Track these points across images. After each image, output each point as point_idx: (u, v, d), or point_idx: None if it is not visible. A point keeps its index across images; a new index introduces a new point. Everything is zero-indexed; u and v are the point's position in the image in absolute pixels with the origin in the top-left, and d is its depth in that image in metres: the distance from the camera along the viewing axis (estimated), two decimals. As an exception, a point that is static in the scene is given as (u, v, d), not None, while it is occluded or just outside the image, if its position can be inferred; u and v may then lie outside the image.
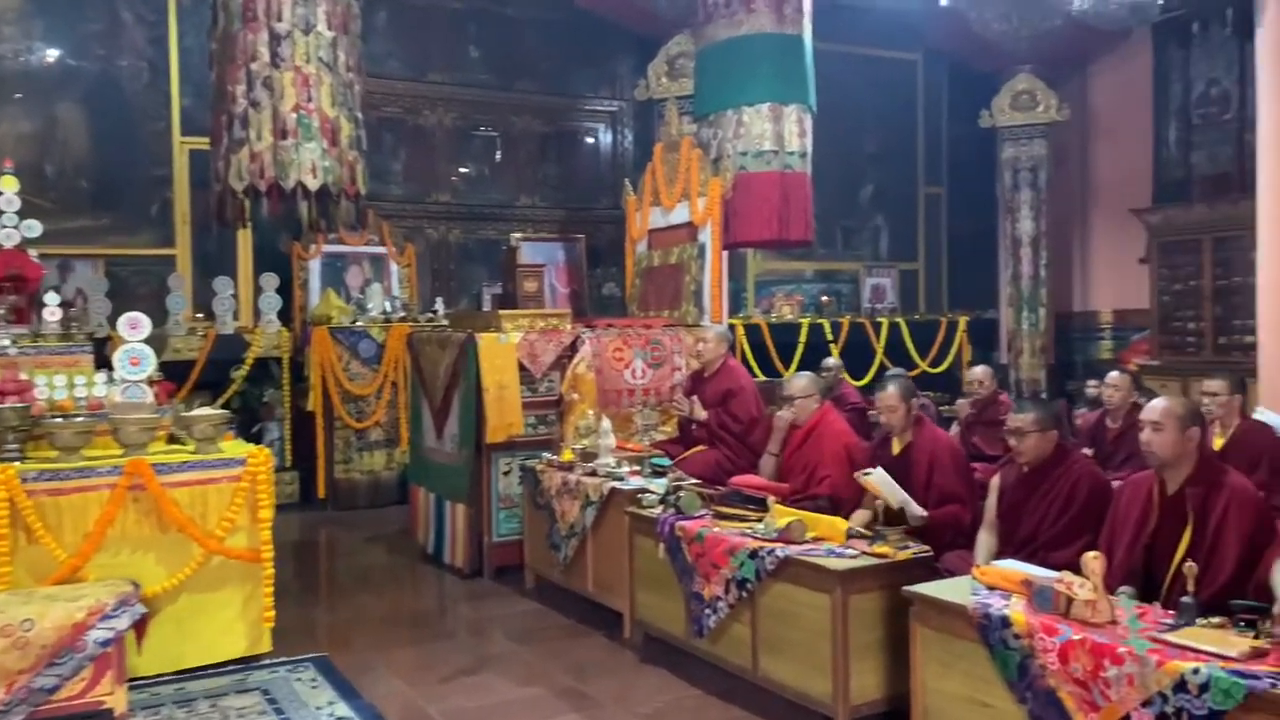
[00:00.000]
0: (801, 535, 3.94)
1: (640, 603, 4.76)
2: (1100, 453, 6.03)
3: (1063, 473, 3.81)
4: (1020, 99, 11.33)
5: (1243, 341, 9.75)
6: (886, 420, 4.50)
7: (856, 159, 11.77)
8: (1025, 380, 11.24)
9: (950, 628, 3.12)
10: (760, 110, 6.88)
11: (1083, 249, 12.07)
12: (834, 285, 11.73)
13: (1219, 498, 3.19)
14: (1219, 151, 10.58)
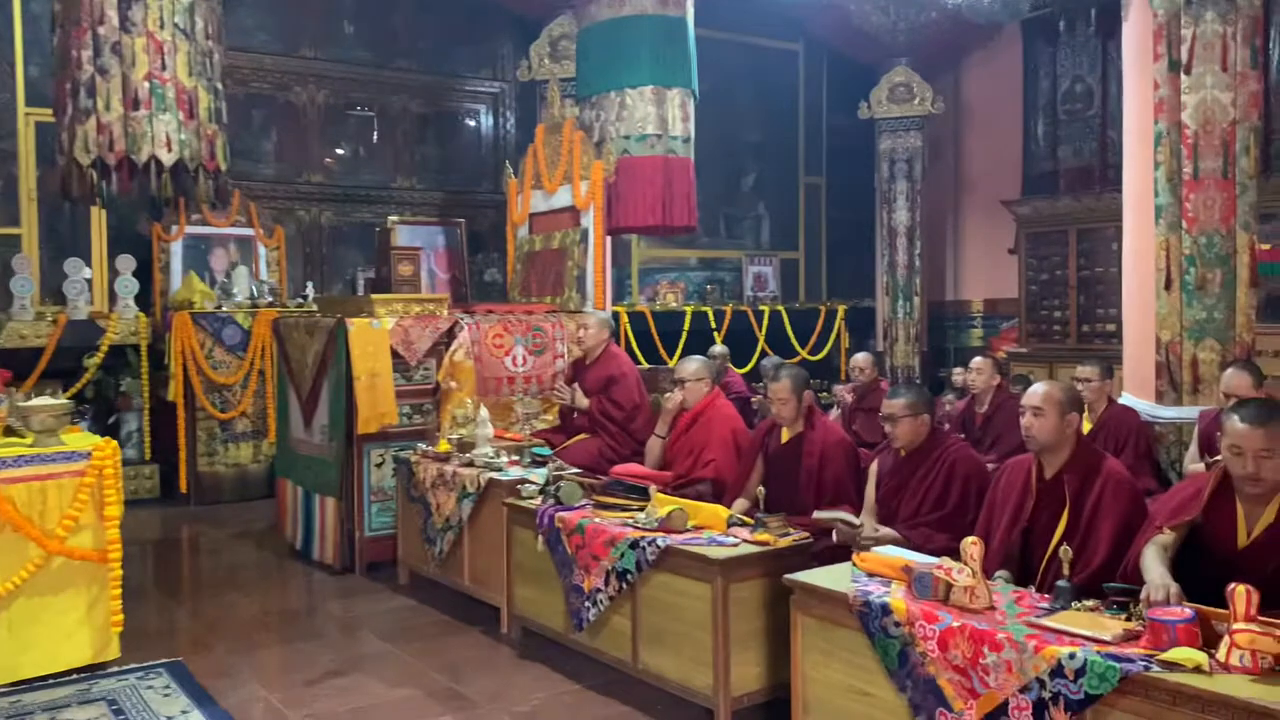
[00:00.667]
0: (683, 524, 3.86)
1: (518, 597, 4.62)
2: (971, 437, 6.15)
3: (938, 456, 3.83)
4: (897, 91, 11.53)
5: (1104, 330, 10.17)
6: (778, 411, 4.46)
7: (739, 147, 11.79)
8: (900, 367, 11.49)
9: (831, 616, 3.08)
10: (643, 93, 6.78)
11: (955, 239, 12.40)
12: (717, 273, 11.75)
13: (1095, 482, 3.23)
14: (1084, 146, 10.99)
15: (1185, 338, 5.26)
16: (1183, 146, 5.16)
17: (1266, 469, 2.77)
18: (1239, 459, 2.81)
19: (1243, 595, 2.27)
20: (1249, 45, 5.11)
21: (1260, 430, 2.77)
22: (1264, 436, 2.77)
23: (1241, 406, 2.93)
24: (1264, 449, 2.77)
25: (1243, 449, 2.80)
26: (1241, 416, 2.84)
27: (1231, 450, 2.84)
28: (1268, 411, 2.83)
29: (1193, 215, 5.17)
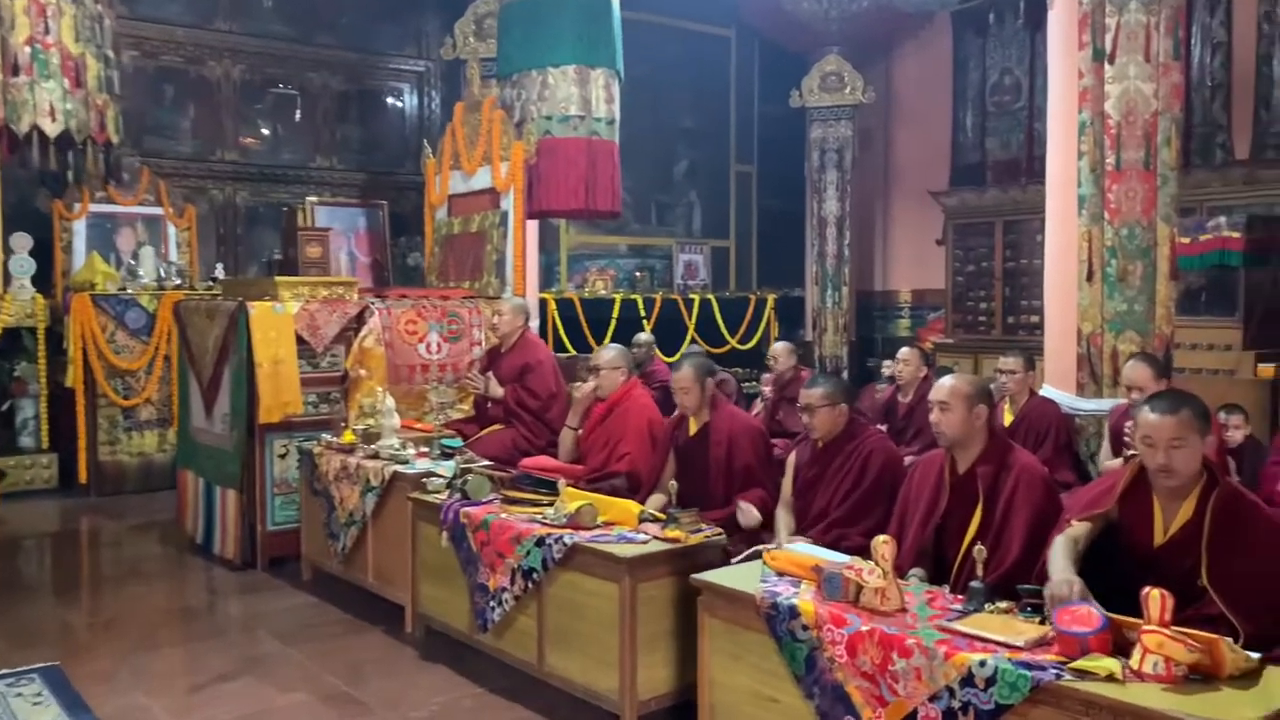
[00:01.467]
0: (593, 520, 3.69)
1: (423, 595, 4.41)
2: (893, 428, 6.10)
3: (855, 448, 3.73)
4: (829, 80, 11.45)
5: (1029, 321, 10.23)
6: (681, 401, 4.33)
7: (671, 134, 11.63)
8: (829, 357, 11.46)
9: (738, 618, 2.94)
10: (565, 72, 6.57)
11: (884, 230, 12.40)
12: (647, 261, 11.58)
13: (1008, 477, 3.14)
14: (1010, 138, 11.03)
15: (1106, 330, 5.23)
16: (1105, 137, 5.12)
17: (1178, 460, 2.69)
18: (1151, 451, 2.73)
19: (1157, 599, 2.18)
20: (1171, 36, 5.09)
21: (1171, 419, 2.70)
22: (1175, 426, 2.69)
23: (1154, 397, 2.86)
24: (1175, 439, 2.68)
25: (1154, 440, 2.72)
26: (1152, 407, 2.77)
27: (1144, 442, 2.76)
28: (1178, 401, 2.76)
29: (1115, 206, 5.14)
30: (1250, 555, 2.64)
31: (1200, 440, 2.71)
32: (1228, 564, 2.63)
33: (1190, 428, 2.69)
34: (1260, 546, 2.65)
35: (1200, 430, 2.71)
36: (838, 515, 3.63)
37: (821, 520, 3.65)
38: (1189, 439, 2.69)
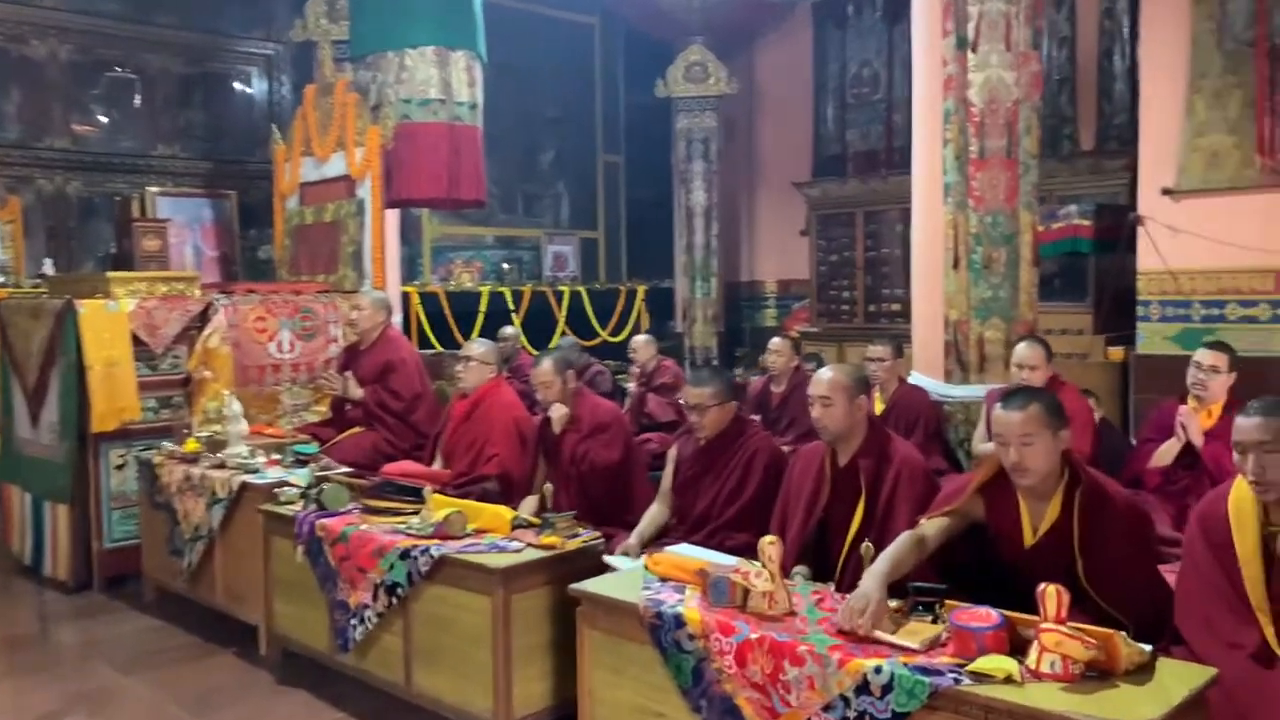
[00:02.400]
0: (461, 528, 3.46)
1: (278, 614, 4.09)
2: (767, 418, 6.05)
3: (739, 446, 3.61)
4: (693, 70, 11.41)
5: (890, 309, 10.44)
6: (543, 396, 4.14)
7: (536, 123, 11.39)
8: (699, 348, 11.46)
9: (620, 629, 2.77)
10: (424, 54, 6.26)
11: (750, 220, 12.47)
12: (515, 252, 11.32)
13: (890, 469, 3.08)
14: (870, 129, 11.22)
15: (972, 317, 5.29)
16: (969, 125, 5.17)
17: (1030, 457, 2.64)
18: (1004, 448, 2.69)
19: (1053, 596, 2.11)
20: (1030, 26, 5.16)
21: (1019, 415, 2.64)
22: (1023, 422, 2.64)
23: (1006, 395, 2.80)
24: (1025, 435, 2.63)
25: (1006, 437, 2.67)
26: (1004, 404, 2.72)
27: (998, 440, 2.72)
28: (1028, 398, 2.71)
29: (979, 194, 5.19)
30: (1122, 550, 2.63)
31: (1053, 436, 2.66)
32: (1102, 562, 2.62)
33: (1040, 423, 2.64)
34: (1129, 540, 2.65)
35: (1052, 426, 2.66)
36: (721, 518, 3.50)
37: (705, 523, 3.52)
38: (1039, 435, 2.63)
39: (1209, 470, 4.19)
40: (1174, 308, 7.02)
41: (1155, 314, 7.10)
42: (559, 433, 4.12)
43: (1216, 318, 6.81)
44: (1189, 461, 4.28)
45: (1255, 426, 2.39)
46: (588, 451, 3.99)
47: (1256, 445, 2.37)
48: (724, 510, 3.52)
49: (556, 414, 4.10)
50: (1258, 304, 6.63)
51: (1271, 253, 6.49)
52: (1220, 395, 4.37)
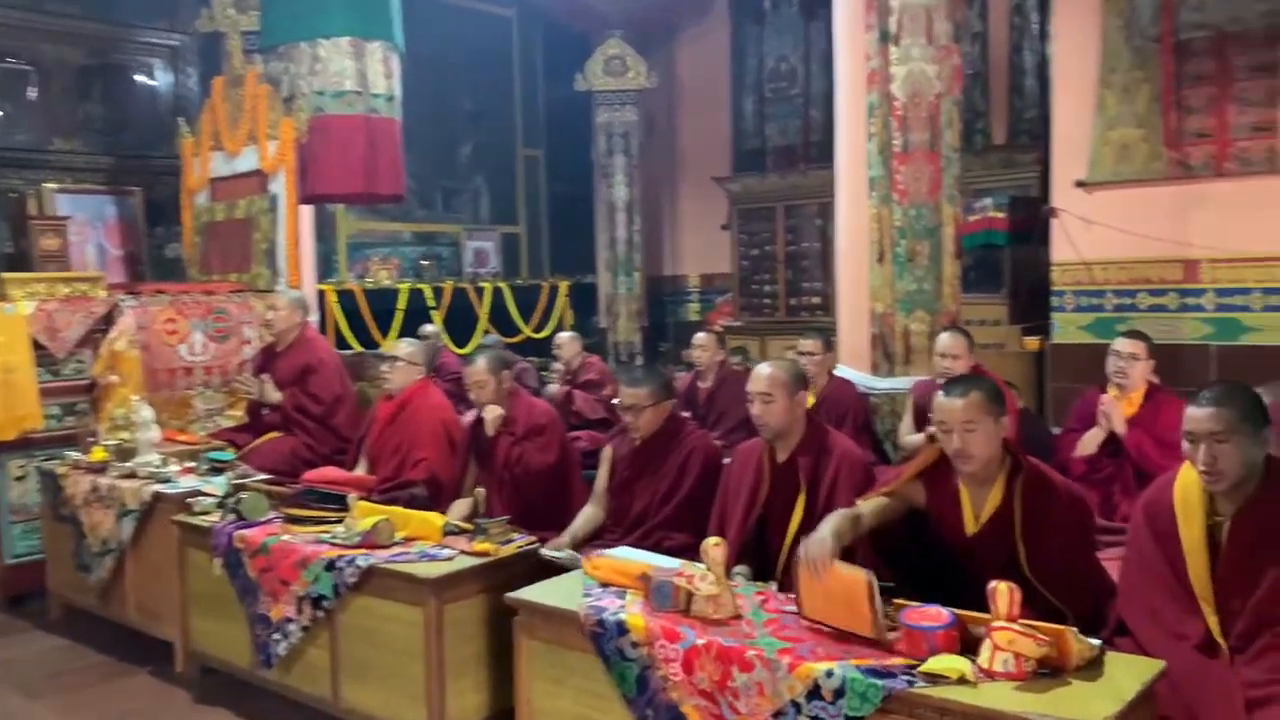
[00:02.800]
0: (389, 537, 3.34)
1: (195, 630, 3.91)
2: (695, 413, 6.01)
3: (676, 446, 3.54)
4: (612, 64, 11.33)
5: (810, 303, 10.52)
6: (476, 397, 4.02)
7: (454, 117, 11.18)
8: (623, 343, 11.39)
9: (560, 637, 2.69)
10: (338, 44, 6.04)
11: (672, 215, 12.45)
12: (434, 248, 11.10)
13: (829, 464, 3.05)
14: (789, 124, 11.28)
15: (897, 309, 5.32)
16: (893, 119, 5.19)
17: (972, 443, 2.65)
18: (947, 435, 2.70)
19: (1005, 593, 2.09)
20: (950, 19, 5.21)
21: (961, 402, 2.66)
22: (964, 409, 2.65)
23: (949, 382, 2.81)
24: (967, 421, 2.64)
25: (949, 424, 2.68)
26: (946, 391, 2.73)
27: (940, 428, 2.73)
28: (969, 384, 2.72)
29: (903, 188, 5.21)
30: (1063, 538, 2.64)
31: (994, 423, 2.68)
32: (1043, 549, 2.62)
33: (981, 410, 2.65)
34: (1070, 527, 2.66)
35: (993, 413, 2.67)
36: (659, 519, 3.44)
37: (642, 524, 3.46)
38: (981, 421, 2.65)
39: (1132, 458, 4.27)
40: (1087, 297, 7.19)
41: (1069, 304, 7.26)
42: (493, 435, 4.00)
43: (1128, 307, 6.98)
44: (1112, 450, 4.36)
45: (1207, 416, 2.37)
46: (523, 454, 3.88)
47: (1208, 435, 2.36)
48: (661, 510, 3.46)
49: (490, 415, 3.99)
50: (1167, 293, 6.83)
51: (1180, 243, 6.68)
52: (1140, 382, 4.46)
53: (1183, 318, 6.74)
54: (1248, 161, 6.38)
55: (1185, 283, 6.75)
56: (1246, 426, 2.34)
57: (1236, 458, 2.34)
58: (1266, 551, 2.31)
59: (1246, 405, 2.37)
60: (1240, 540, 2.36)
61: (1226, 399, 2.38)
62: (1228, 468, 2.35)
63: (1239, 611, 2.31)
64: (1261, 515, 2.35)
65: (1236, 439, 2.33)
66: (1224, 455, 2.35)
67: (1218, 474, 2.36)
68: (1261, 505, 2.36)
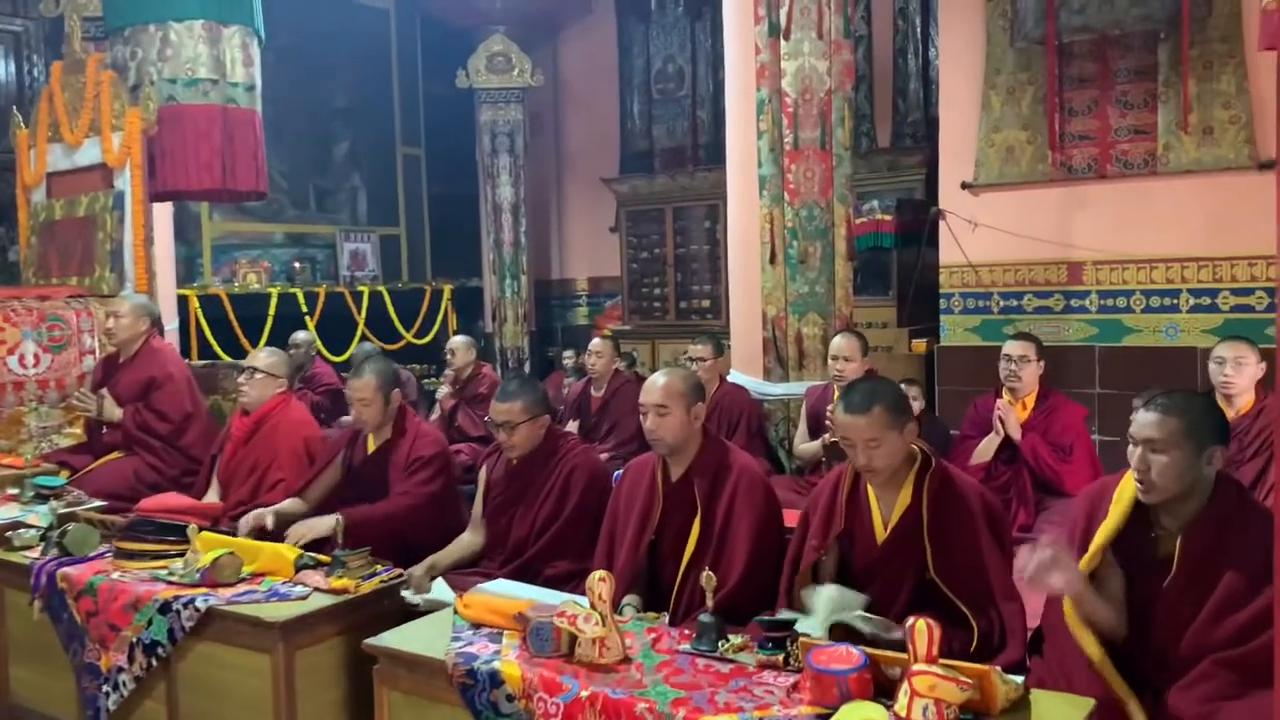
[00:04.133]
0: (235, 573, 2.96)
1: (14, 681, 3.43)
2: (586, 423, 5.74)
3: (555, 464, 3.24)
4: (495, 61, 10.98)
5: (700, 305, 10.38)
6: (359, 414, 3.64)
7: (329, 113, 10.65)
8: (510, 348, 11.06)
9: (425, 689, 2.37)
10: (191, 28, 5.55)
11: (560, 216, 12.17)
12: (308, 250, 10.54)
13: (727, 481, 2.80)
14: (676, 125, 11.14)
15: (790, 312, 5.15)
16: (783, 115, 5.02)
17: (879, 458, 2.48)
18: (852, 451, 2.52)
19: (924, 632, 1.87)
20: (842, 14, 5.07)
21: (864, 419, 2.47)
22: (868, 425, 2.46)
23: (847, 393, 2.59)
24: (872, 438, 2.47)
25: (852, 440, 2.50)
26: (846, 405, 2.52)
27: (844, 443, 2.55)
28: (870, 397, 2.51)
29: (794, 187, 5.05)
30: (972, 539, 2.47)
31: (899, 434, 2.50)
32: (952, 551, 2.46)
33: (884, 424, 2.47)
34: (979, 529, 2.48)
35: (897, 424, 2.50)
36: (539, 547, 3.13)
37: (521, 552, 3.14)
38: (885, 436, 2.47)
39: (1028, 463, 4.18)
40: (975, 300, 7.18)
41: (957, 306, 7.24)
42: (371, 454, 3.61)
43: (1015, 309, 6.99)
44: (1008, 456, 4.27)
45: (1150, 422, 2.20)
46: (405, 484, 3.51)
47: (1145, 441, 2.19)
48: (541, 538, 3.15)
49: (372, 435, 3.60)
50: (1052, 294, 6.85)
51: (1064, 245, 6.72)
52: (1033, 385, 4.38)
53: (1067, 319, 6.78)
54: (1128, 164, 6.44)
55: (1070, 285, 6.79)
56: (1189, 442, 2.16)
57: (1172, 471, 2.16)
58: (1212, 575, 2.14)
59: (1197, 418, 2.18)
60: (1187, 563, 2.18)
61: (1176, 409, 2.19)
62: (1159, 480, 2.18)
63: (1179, 634, 2.14)
64: (1207, 537, 2.18)
65: (1175, 453, 2.16)
66: (1157, 466, 2.17)
67: (1148, 484, 2.19)
68: (1208, 527, 2.19)
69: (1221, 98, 6.02)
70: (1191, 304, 6.33)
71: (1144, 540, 2.25)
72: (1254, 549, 2.07)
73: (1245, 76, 5.93)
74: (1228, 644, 2.06)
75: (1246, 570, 2.09)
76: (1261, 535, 2.11)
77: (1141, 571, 2.23)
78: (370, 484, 3.54)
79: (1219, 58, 6.02)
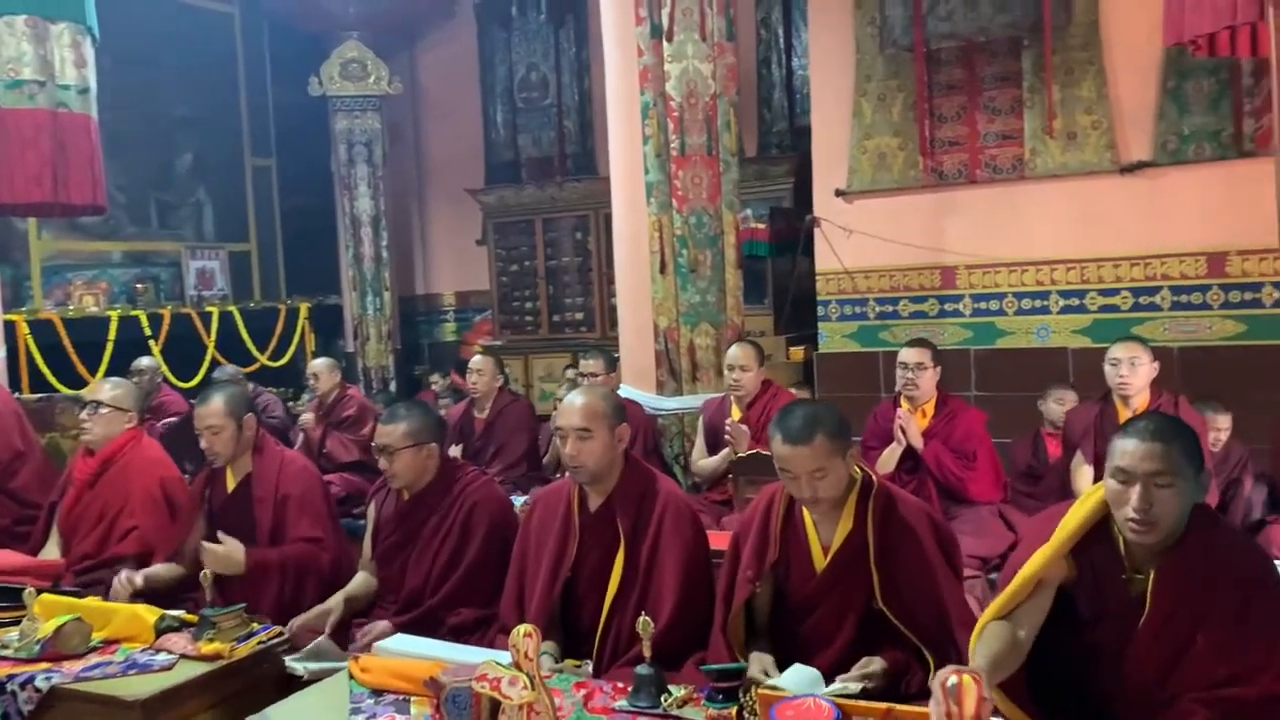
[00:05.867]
0: (84, 642, 2.55)
1: None
2: (470, 447, 5.40)
3: (454, 500, 2.92)
4: (350, 67, 10.53)
5: (574, 319, 10.18)
6: (210, 444, 3.24)
7: (171, 123, 9.97)
8: (374, 368, 10.58)
9: (325, 770, 2.06)
10: (13, 24, 4.98)
11: (423, 229, 11.76)
12: (150, 269, 9.83)
13: (652, 509, 2.55)
14: (542, 135, 10.93)
15: (682, 323, 4.98)
16: (669, 120, 4.85)
17: (823, 489, 2.29)
18: (794, 483, 2.31)
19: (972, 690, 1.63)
20: (724, 15, 4.94)
21: (806, 450, 2.27)
22: (811, 455, 2.27)
23: (783, 420, 2.35)
24: (817, 469, 2.27)
25: (795, 473, 2.29)
26: (785, 434, 2.30)
27: (784, 474, 2.33)
28: (810, 424, 2.29)
29: (682, 194, 4.88)
30: (922, 565, 2.30)
31: (843, 460, 2.32)
32: (901, 580, 2.28)
33: (828, 451, 2.28)
34: (930, 553, 2.32)
35: (840, 450, 2.31)
36: (440, 596, 2.80)
37: (419, 601, 2.81)
38: (831, 464, 2.28)
39: (932, 472, 4.11)
40: (851, 306, 7.19)
41: (834, 313, 7.24)
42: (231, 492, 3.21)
43: (891, 314, 7.03)
44: (911, 465, 4.19)
45: (1150, 453, 1.93)
46: (268, 519, 3.12)
47: (1148, 476, 1.93)
48: (442, 584, 2.83)
49: None
50: (927, 299, 6.91)
51: (937, 250, 6.78)
52: (931, 392, 4.34)
53: (943, 323, 6.84)
54: (997, 169, 6.55)
55: (944, 289, 6.86)
56: (1190, 470, 1.96)
57: (1176, 506, 1.95)
58: (1193, 611, 1.96)
59: (1190, 443, 1.99)
60: (1163, 600, 1.98)
61: (1170, 433, 1.97)
62: (1163, 517, 1.94)
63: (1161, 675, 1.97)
64: (1185, 571, 1.98)
65: (1181, 484, 1.94)
66: (1163, 501, 1.93)
67: (1150, 523, 1.94)
68: (1185, 560, 1.99)
69: (1083, 103, 6.18)
70: (1061, 305, 6.47)
71: (1114, 581, 2.04)
72: (1235, 577, 1.95)
73: (1105, 83, 6.09)
74: (1216, 683, 1.89)
75: (1231, 603, 1.93)
76: (1241, 561, 2.00)
77: (1113, 614, 2.04)
78: (237, 526, 3.14)
79: (1080, 64, 6.18)
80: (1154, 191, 6.03)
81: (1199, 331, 6.00)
